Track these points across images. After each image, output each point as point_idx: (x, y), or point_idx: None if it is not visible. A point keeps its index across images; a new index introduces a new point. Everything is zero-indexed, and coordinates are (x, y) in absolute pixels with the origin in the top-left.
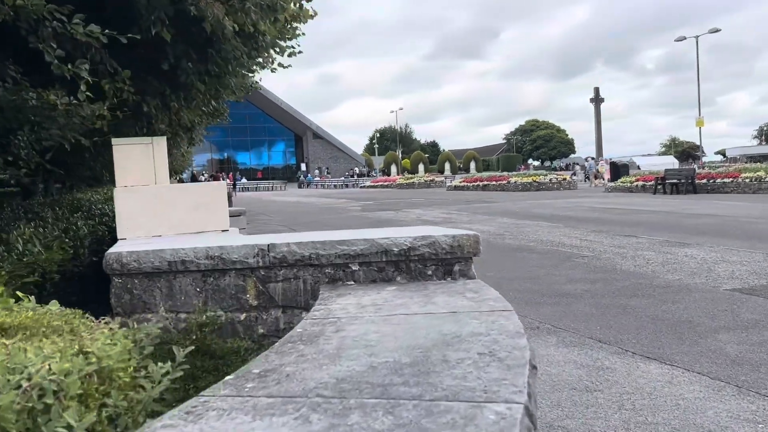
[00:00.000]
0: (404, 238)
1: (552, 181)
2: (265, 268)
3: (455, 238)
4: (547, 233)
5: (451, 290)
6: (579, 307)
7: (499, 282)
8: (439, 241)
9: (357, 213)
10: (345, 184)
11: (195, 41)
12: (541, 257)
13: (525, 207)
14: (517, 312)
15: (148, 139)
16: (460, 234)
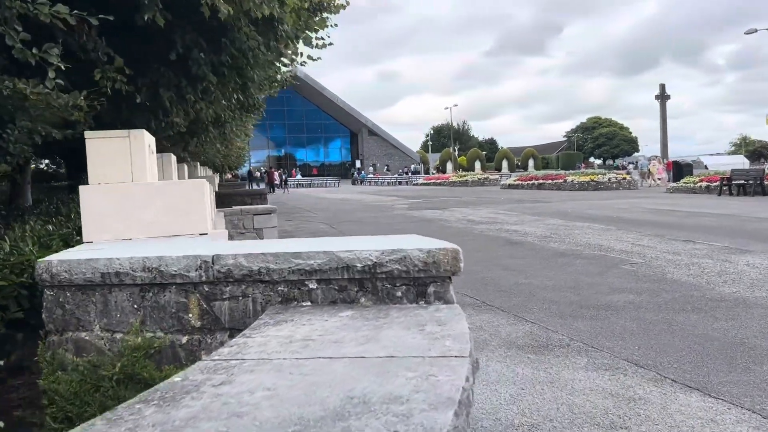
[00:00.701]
0: (369, 252)
1: (611, 181)
2: (209, 283)
3: (430, 254)
4: (597, 236)
5: (413, 320)
6: (618, 321)
7: (533, 291)
8: (411, 256)
9: (402, 212)
10: (398, 181)
11: (204, 30)
12: (586, 263)
13: (578, 207)
14: (547, 327)
15: (125, 133)
16: (437, 248)
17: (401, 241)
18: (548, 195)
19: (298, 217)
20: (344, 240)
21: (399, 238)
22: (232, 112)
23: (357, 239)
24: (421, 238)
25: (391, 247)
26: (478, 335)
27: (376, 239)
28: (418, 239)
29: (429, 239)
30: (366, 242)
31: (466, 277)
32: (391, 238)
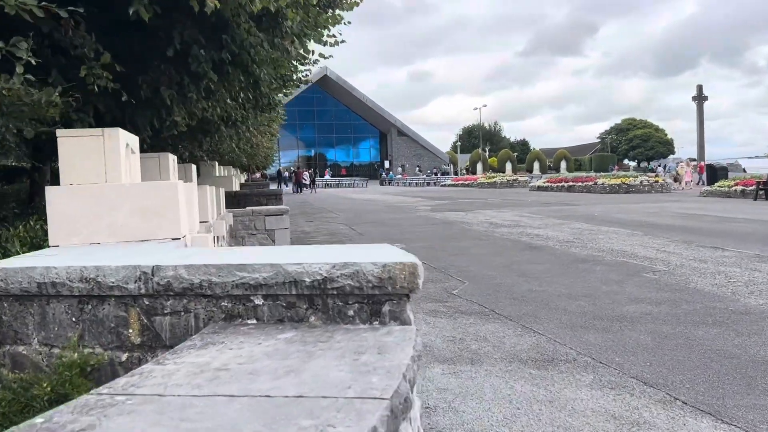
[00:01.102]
0: (319, 266)
1: (643, 184)
2: (149, 296)
3: (385, 268)
4: (621, 242)
5: (354, 346)
6: (632, 335)
7: (546, 300)
8: (364, 271)
9: (425, 213)
10: (426, 182)
11: (204, 26)
12: (607, 270)
13: (606, 211)
14: (555, 339)
15: (98, 131)
16: (393, 263)
17: (361, 252)
18: (577, 198)
19: (319, 217)
20: (296, 250)
21: (363, 249)
22: (245, 111)
23: (313, 250)
24: (390, 249)
25: (342, 260)
26: (480, 347)
27: (334, 249)
28: (385, 251)
29: (395, 251)
30: (320, 253)
31: (478, 283)
32: (353, 249)
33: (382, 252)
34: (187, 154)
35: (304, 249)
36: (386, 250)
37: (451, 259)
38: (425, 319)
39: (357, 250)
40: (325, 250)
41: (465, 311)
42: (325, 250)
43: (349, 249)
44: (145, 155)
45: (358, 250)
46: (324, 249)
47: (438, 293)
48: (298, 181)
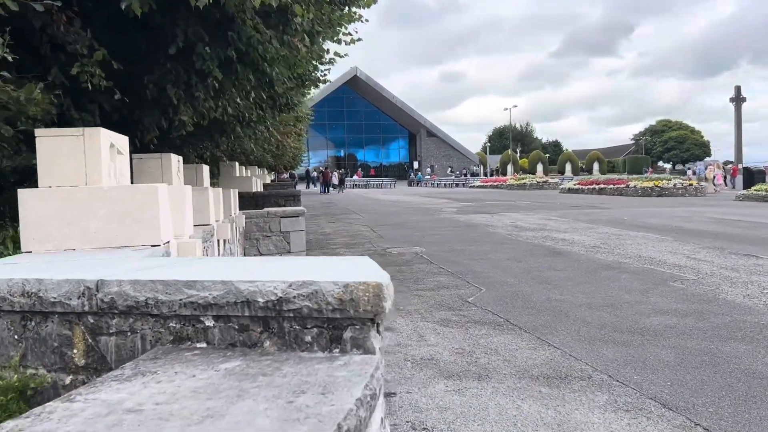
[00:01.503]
0: (274, 284)
1: (676, 187)
2: (94, 314)
3: (347, 289)
4: (650, 248)
5: (296, 382)
6: (653, 350)
7: (565, 310)
8: (324, 291)
9: (449, 215)
10: (455, 183)
11: (208, 22)
12: (632, 278)
13: (636, 215)
14: (571, 353)
15: (79, 131)
16: (355, 282)
17: (328, 267)
18: (608, 201)
19: (343, 219)
20: (260, 264)
21: (331, 264)
22: (262, 111)
23: (278, 263)
24: (362, 264)
25: (300, 279)
26: (489, 361)
27: (302, 263)
28: (356, 267)
29: (366, 268)
30: (284, 268)
31: (495, 291)
32: (321, 263)
33: (352, 268)
34: (208, 154)
35: (271, 262)
36: (358, 265)
37: (469, 264)
38: (435, 329)
39: (324, 265)
40: (291, 264)
41: (478, 321)
42: (291, 264)
43: (318, 263)
44: (147, 156)
45: (325, 266)
46: (291, 262)
47: (452, 301)
48: (326, 181)
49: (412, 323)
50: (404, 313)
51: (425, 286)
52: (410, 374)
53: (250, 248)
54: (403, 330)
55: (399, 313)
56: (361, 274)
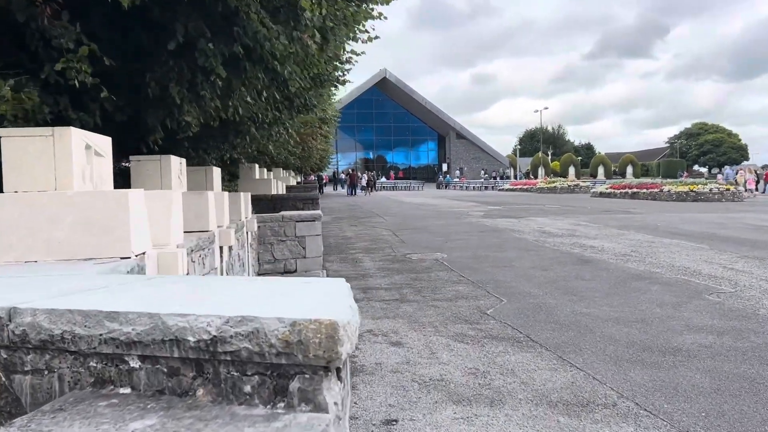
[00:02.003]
0: (208, 320)
1: (712, 191)
2: (7, 348)
3: (294, 328)
4: (683, 257)
5: None
6: (686, 373)
7: (591, 325)
8: (266, 330)
9: (475, 220)
10: (484, 186)
11: (211, 17)
12: (664, 290)
13: (670, 221)
14: (595, 375)
15: (48, 131)
16: (305, 320)
17: (248, 304)
18: (640, 205)
19: (365, 222)
20: (221, 286)
21: (294, 288)
22: (278, 112)
23: (240, 286)
24: (332, 292)
25: (239, 314)
26: (504, 383)
27: (265, 287)
28: (327, 293)
29: (334, 297)
30: (221, 297)
31: (517, 302)
32: (285, 287)
33: (317, 297)
34: (227, 157)
35: (240, 285)
36: (326, 293)
37: (492, 272)
38: (449, 344)
39: (288, 291)
40: (244, 288)
41: (496, 336)
42: (244, 288)
43: (284, 286)
44: (146, 158)
45: (289, 292)
46: (246, 285)
47: (469, 313)
48: (353, 183)
49: (425, 337)
50: (417, 326)
51: (443, 295)
52: (416, 397)
53: (264, 253)
54: (414, 345)
55: (412, 327)
56: (319, 308)
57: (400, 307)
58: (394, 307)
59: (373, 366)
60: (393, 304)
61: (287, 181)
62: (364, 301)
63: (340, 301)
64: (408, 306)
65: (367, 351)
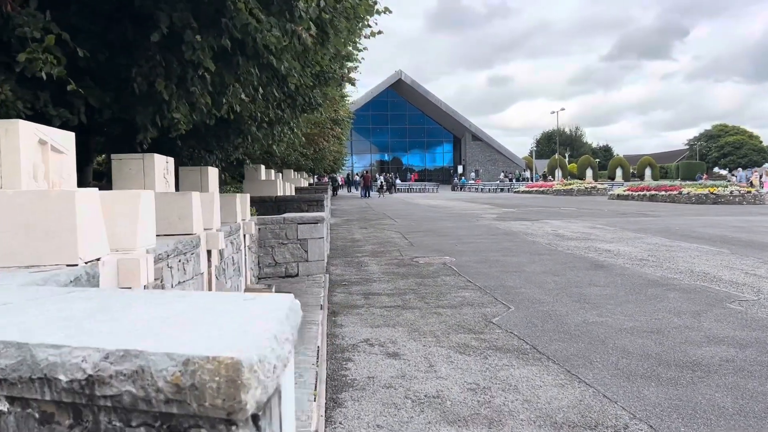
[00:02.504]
0: (84, 354)
1: (733, 194)
2: None
3: (187, 368)
4: (703, 262)
5: None
6: (706, 391)
7: (603, 335)
8: (153, 370)
9: (488, 222)
10: (500, 188)
11: (197, 6)
12: (682, 298)
13: (688, 224)
14: (606, 393)
15: None
16: (201, 358)
17: (138, 335)
18: (658, 208)
19: (376, 224)
20: (131, 301)
21: (226, 307)
22: (280, 111)
23: (137, 304)
24: (263, 315)
25: (123, 347)
26: (506, 401)
27: (168, 304)
28: (257, 316)
29: (263, 323)
30: (123, 322)
31: (525, 310)
32: (193, 303)
33: (238, 318)
34: (234, 158)
35: (140, 300)
36: (257, 316)
37: (501, 278)
38: (449, 356)
39: (218, 311)
40: (167, 307)
41: (501, 347)
42: (167, 307)
43: (214, 302)
44: (128, 156)
45: (218, 312)
46: (172, 303)
47: (474, 321)
48: (366, 185)
49: (424, 348)
50: (418, 336)
51: (447, 302)
52: (408, 417)
53: (264, 256)
54: (412, 357)
55: (411, 336)
56: (230, 339)
57: (401, 314)
58: (395, 315)
59: (365, 380)
60: (394, 311)
61: (298, 182)
62: (365, 307)
63: (266, 328)
64: (410, 313)
65: (361, 363)
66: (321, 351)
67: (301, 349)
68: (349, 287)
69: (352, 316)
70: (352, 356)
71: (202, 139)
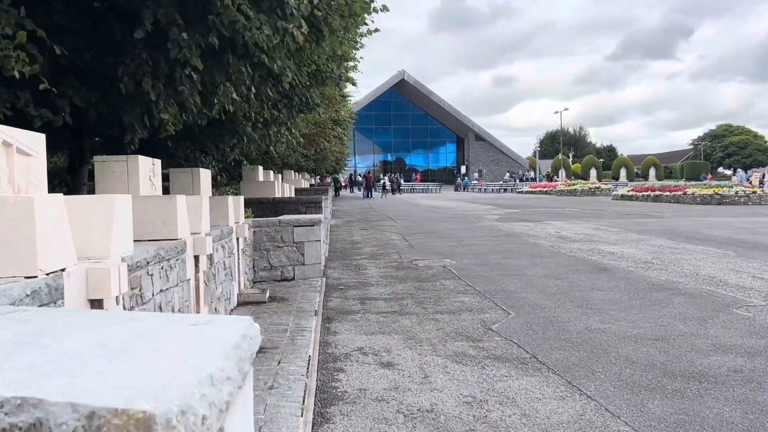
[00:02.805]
0: None
1: (738, 194)
2: None
3: (91, 423)
4: (709, 264)
5: None
6: (714, 405)
7: (606, 344)
8: (52, 424)
9: (490, 223)
10: (503, 188)
11: (183, 2)
12: (687, 303)
13: (694, 225)
14: (608, 406)
15: None
16: (108, 411)
17: (115, 348)
18: (663, 209)
19: (376, 225)
20: (40, 333)
21: (169, 334)
22: (276, 111)
23: (70, 329)
24: (207, 336)
25: (19, 394)
26: (503, 415)
27: (105, 330)
28: (200, 349)
29: (213, 344)
30: (43, 354)
31: (526, 316)
32: (131, 329)
33: (174, 352)
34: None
35: (75, 323)
36: (197, 343)
37: (501, 281)
38: (445, 366)
39: (161, 336)
40: (101, 334)
41: (499, 356)
42: (101, 334)
43: (149, 328)
44: (112, 158)
45: (128, 347)
46: (109, 328)
47: (473, 328)
48: (368, 185)
49: (420, 357)
50: (414, 343)
51: (445, 307)
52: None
53: (259, 260)
54: (406, 367)
55: (407, 344)
56: (155, 383)
57: (397, 320)
58: (391, 321)
59: (356, 393)
60: (390, 317)
61: (298, 183)
62: (360, 313)
63: (203, 365)
64: (406, 319)
65: (353, 374)
66: (312, 360)
67: (291, 359)
68: (345, 291)
69: (346, 322)
70: (344, 366)
71: (197, 140)
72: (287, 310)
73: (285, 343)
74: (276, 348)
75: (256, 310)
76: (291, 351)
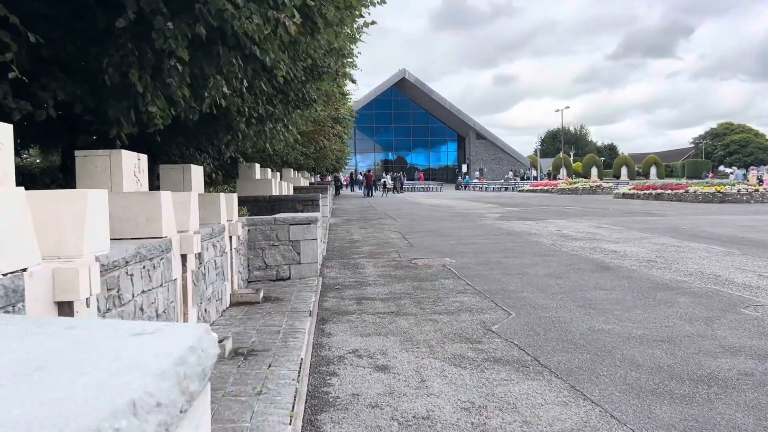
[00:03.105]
0: None
1: (740, 192)
2: None
3: None
4: (713, 263)
5: None
6: (724, 410)
7: (610, 345)
8: None
9: (491, 222)
10: (504, 187)
11: None
12: (693, 303)
13: (697, 223)
14: (613, 412)
15: None
16: None
17: (41, 363)
18: (665, 207)
19: (376, 224)
20: None
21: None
22: (272, 107)
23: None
24: (151, 348)
25: None
26: (502, 422)
27: (43, 343)
28: (150, 371)
29: (153, 359)
30: None
31: (527, 316)
32: (64, 339)
33: (107, 367)
34: (228, 156)
35: (9, 332)
36: (133, 358)
37: (502, 281)
38: (443, 369)
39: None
40: (37, 347)
41: (499, 359)
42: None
43: (85, 338)
44: (94, 153)
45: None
46: (48, 340)
47: (472, 329)
48: (369, 184)
49: (417, 360)
50: (411, 345)
51: (444, 308)
52: None
53: (254, 259)
54: (403, 370)
55: (404, 346)
56: (50, 422)
57: (394, 321)
58: (388, 322)
59: (349, 398)
60: (387, 318)
61: (297, 182)
62: (357, 314)
63: (125, 392)
64: (404, 320)
65: (346, 378)
66: (304, 364)
67: (282, 362)
68: (342, 291)
69: (342, 323)
70: (337, 370)
71: (192, 136)
72: (281, 310)
73: (277, 346)
74: (267, 351)
75: (249, 311)
76: (283, 354)
